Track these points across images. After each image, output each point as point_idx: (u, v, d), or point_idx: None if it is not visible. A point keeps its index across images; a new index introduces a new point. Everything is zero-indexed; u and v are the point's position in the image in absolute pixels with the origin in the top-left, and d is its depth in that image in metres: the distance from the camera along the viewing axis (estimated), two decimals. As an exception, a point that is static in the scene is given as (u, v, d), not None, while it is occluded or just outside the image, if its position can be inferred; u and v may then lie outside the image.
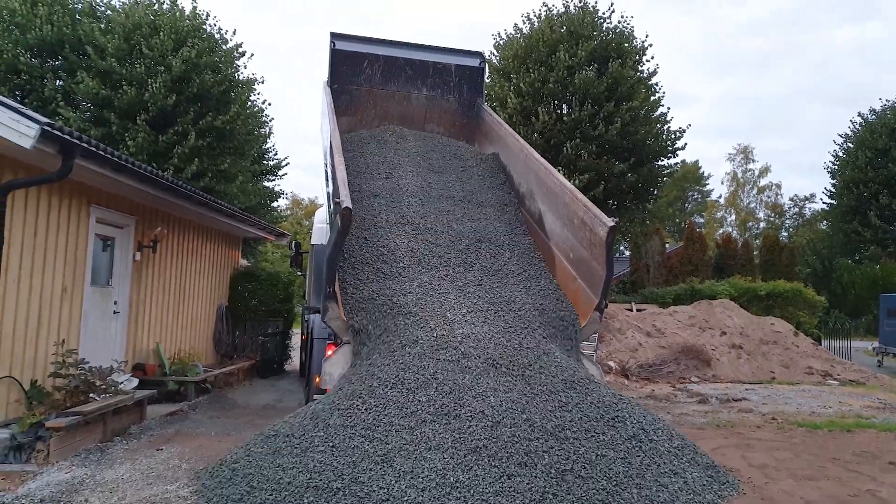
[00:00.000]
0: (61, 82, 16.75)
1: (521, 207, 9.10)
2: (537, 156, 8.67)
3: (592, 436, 5.50)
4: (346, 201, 6.03)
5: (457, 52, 11.08)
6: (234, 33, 17.97)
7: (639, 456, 5.47)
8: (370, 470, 4.88)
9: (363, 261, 7.28)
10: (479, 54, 11.10)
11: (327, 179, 8.17)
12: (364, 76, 10.57)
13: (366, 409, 5.40)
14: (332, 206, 6.85)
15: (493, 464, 5.00)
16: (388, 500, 4.65)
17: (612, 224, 6.49)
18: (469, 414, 5.40)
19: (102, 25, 16.38)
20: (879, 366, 19.49)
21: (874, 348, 21.51)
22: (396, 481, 4.78)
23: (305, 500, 4.65)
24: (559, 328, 6.98)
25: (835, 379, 14.87)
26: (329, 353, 6.82)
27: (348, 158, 8.65)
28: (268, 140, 22.39)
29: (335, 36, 10.36)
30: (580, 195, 7.35)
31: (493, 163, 9.89)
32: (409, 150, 9.66)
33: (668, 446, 5.71)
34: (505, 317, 6.84)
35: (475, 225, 8.34)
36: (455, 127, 11.14)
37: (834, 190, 29.93)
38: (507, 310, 6.98)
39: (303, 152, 76.62)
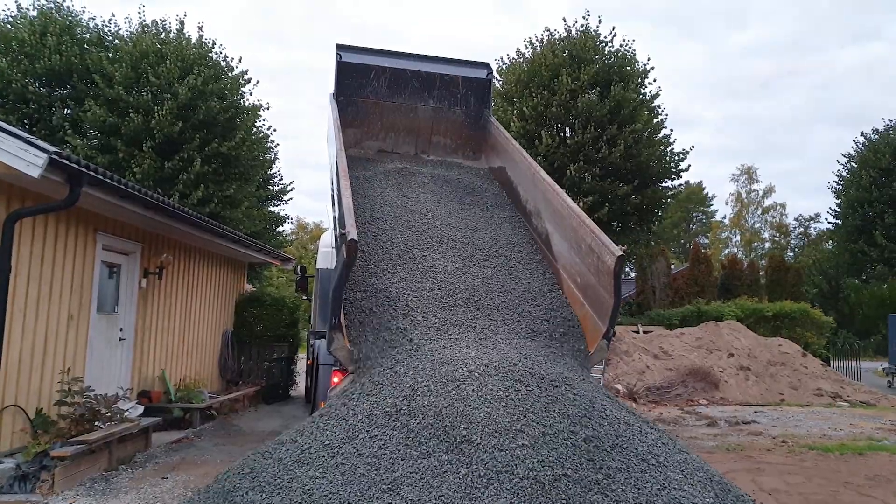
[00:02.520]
0: (69, 111, 16.99)
1: (529, 225, 9.07)
2: (545, 175, 8.63)
3: (604, 461, 5.43)
4: (352, 233, 5.96)
5: (464, 63, 11.01)
6: (240, 61, 18.23)
7: (649, 482, 5.41)
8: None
9: (370, 291, 7.20)
10: (486, 65, 11.00)
11: (333, 203, 8.16)
12: (370, 88, 10.49)
13: (369, 438, 5.35)
14: (337, 233, 6.83)
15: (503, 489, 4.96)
16: None
17: (621, 254, 6.43)
18: (478, 444, 5.33)
19: (110, 54, 16.65)
20: (890, 386, 19.31)
21: (884, 369, 21.32)
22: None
23: None
24: (572, 351, 6.94)
25: (845, 400, 14.73)
26: (335, 380, 6.79)
27: (359, 196, 8.61)
28: (273, 165, 22.53)
29: (341, 48, 10.29)
30: (588, 220, 7.29)
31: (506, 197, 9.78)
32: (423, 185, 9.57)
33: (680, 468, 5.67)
34: (516, 340, 6.76)
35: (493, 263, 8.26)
36: (462, 139, 11.09)
37: (839, 210, 29.89)
38: (519, 334, 6.90)
39: (308, 177, 77.09)
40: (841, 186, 29.53)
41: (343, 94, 10.47)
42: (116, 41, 17.40)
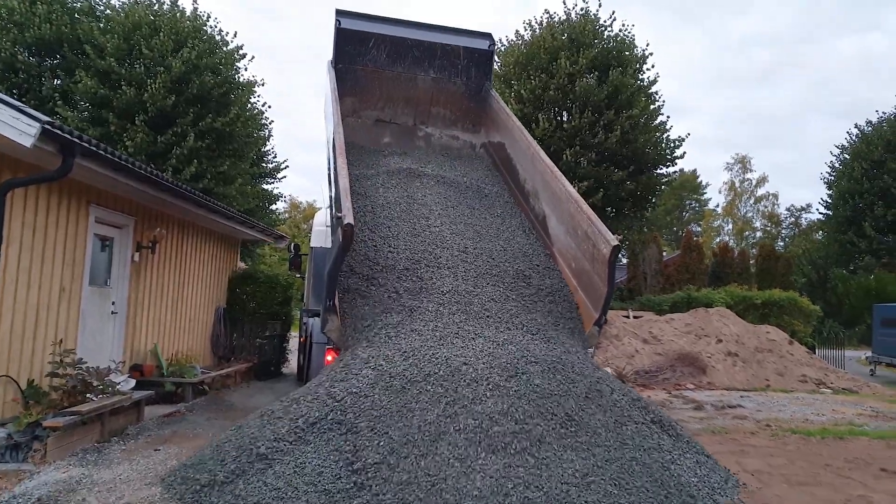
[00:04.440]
0: (59, 81, 16.78)
1: (526, 205, 9.01)
2: (544, 156, 8.55)
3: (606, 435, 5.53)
4: (349, 216, 5.88)
5: (466, 32, 10.76)
6: (235, 35, 18.04)
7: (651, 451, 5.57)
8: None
9: (364, 276, 7.12)
10: (489, 36, 10.77)
11: (330, 183, 8.07)
12: (370, 57, 10.27)
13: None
14: (333, 214, 6.77)
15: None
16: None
17: (616, 243, 6.43)
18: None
19: (102, 25, 16.41)
20: (872, 374, 19.58)
21: (867, 357, 21.60)
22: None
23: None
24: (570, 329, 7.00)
25: (828, 387, 14.93)
26: (329, 358, 6.83)
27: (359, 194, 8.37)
28: (267, 143, 22.40)
29: (340, 13, 10.07)
30: (585, 206, 7.26)
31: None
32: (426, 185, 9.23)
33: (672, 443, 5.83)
34: (515, 325, 6.75)
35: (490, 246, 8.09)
36: (461, 111, 10.90)
37: (830, 201, 30.05)
38: (516, 316, 6.88)
39: (302, 155, 76.64)
40: (833, 177, 29.68)
41: (341, 62, 10.20)
42: (108, 11, 17.14)
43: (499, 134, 10.24)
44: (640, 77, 20.75)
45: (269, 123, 21.59)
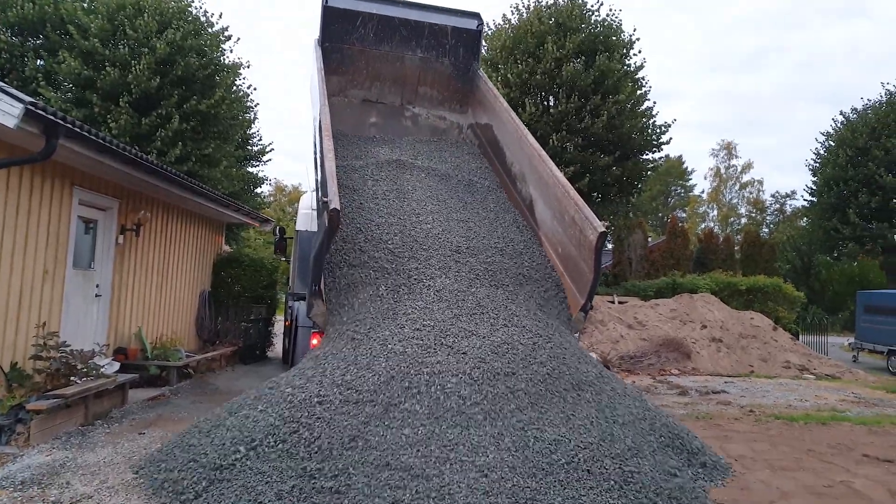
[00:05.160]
0: (42, 62, 16.48)
1: (513, 188, 8.96)
2: (532, 139, 8.50)
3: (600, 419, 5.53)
4: (335, 201, 5.80)
5: (454, 12, 10.67)
6: (221, 17, 17.88)
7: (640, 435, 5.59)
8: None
9: (351, 262, 7.01)
10: (477, 15, 10.68)
11: (316, 166, 7.99)
12: (357, 35, 10.15)
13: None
14: (319, 198, 6.69)
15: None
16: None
17: (603, 230, 6.42)
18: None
19: (85, 5, 16.15)
20: (855, 361, 19.83)
21: (850, 344, 21.87)
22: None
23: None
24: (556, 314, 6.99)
25: (811, 373, 15.11)
26: (314, 342, 6.80)
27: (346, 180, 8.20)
28: (252, 125, 22.19)
29: None
30: (573, 192, 7.22)
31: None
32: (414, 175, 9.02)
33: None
34: (500, 313, 6.65)
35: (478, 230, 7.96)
36: (449, 91, 10.82)
37: (815, 188, 30.29)
38: (501, 307, 6.79)
39: (287, 138, 76.02)
40: (818, 164, 29.89)
41: (328, 41, 10.06)
42: (92, -9, 16.87)
43: (486, 115, 10.17)
44: (627, 62, 20.76)
45: (255, 106, 21.41)
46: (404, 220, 7.79)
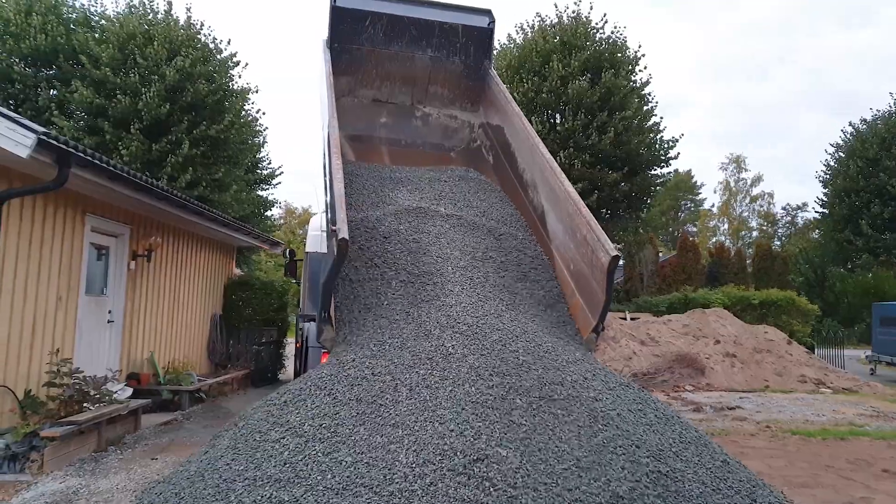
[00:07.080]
0: (55, 91, 16.77)
1: (524, 196, 8.84)
2: (543, 149, 8.36)
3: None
4: (343, 230, 5.76)
5: (464, 9, 10.48)
6: (229, 43, 18.06)
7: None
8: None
9: (361, 288, 6.86)
10: (489, 13, 10.47)
11: (325, 189, 7.92)
12: (366, 35, 9.98)
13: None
14: (329, 221, 6.66)
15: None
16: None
17: (616, 253, 6.33)
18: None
19: (97, 35, 16.44)
20: (872, 374, 19.57)
21: (867, 356, 21.60)
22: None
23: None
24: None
25: (828, 387, 14.93)
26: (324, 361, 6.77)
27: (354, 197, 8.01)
28: (262, 149, 22.40)
29: None
30: (584, 209, 7.07)
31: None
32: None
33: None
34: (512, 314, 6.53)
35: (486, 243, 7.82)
36: (460, 90, 10.74)
37: (826, 199, 30.12)
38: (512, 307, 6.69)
39: (297, 157, 76.54)
40: (829, 176, 29.75)
41: (337, 42, 10.05)
42: (103, 21, 17.16)
43: (497, 116, 10.08)
44: (633, 78, 20.81)
45: (264, 130, 21.63)
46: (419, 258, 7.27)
